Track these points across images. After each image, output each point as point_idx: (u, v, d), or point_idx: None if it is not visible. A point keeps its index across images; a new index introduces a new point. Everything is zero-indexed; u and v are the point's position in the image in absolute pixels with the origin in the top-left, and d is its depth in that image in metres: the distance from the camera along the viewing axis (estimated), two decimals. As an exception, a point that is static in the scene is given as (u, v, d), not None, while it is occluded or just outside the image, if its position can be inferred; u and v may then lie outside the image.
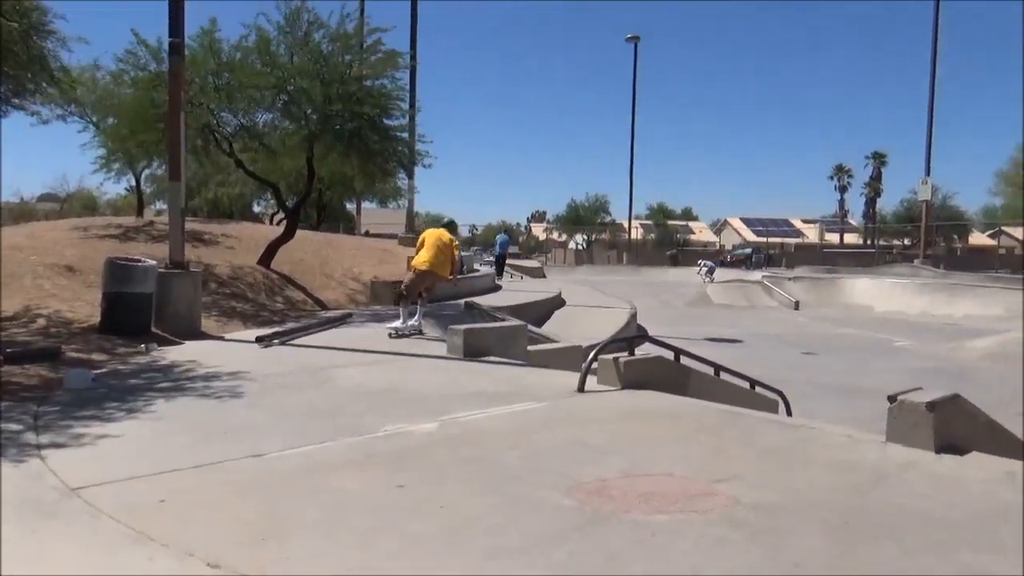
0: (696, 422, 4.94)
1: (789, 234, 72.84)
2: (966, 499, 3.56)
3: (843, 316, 22.38)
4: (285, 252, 14.23)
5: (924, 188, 33.81)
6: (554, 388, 6.01)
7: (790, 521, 3.20)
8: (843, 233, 70.33)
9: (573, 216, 69.94)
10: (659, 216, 78.70)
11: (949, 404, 4.42)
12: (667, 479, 3.73)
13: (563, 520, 3.15)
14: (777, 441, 4.60)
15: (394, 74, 13.60)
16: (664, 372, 6.42)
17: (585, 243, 68.56)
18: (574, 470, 3.81)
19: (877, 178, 70.90)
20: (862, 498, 3.55)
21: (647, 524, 3.12)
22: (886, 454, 4.22)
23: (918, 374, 12.06)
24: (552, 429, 4.70)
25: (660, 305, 24.97)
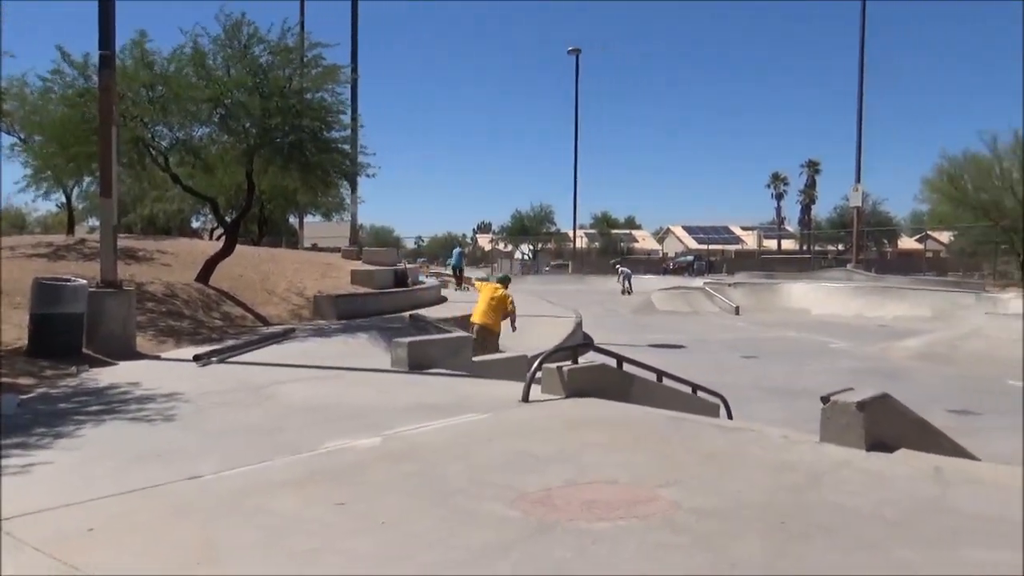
0: (639, 428, 5.00)
1: (729, 241, 74.59)
2: (896, 496, 3.68)
3: (782, 320, 22.98)
4: (224, 268, 13.91)
5: (855, 195, 35.04)
6: (499, 399, 6.01)
7: (729, 524, 3.26)
8: (780, 239, 72.33)
9: (518, 226, 70.31)
10: (603, 225, 79.62)
11: (878, 403, 4.57)
12: (611, 486, 3.76)
13: (507, 531, 3.15)
14: (718, 445, 4.69)
15: (335, 87, 13.49)
16: (608, 379, 6.48)
17: (531, 253, 68.89)
18: (519, 481, 3.81)
19: (812, 185, 73.18)
20: (798, 498, 3.64)
21: (590, 532, 3.14)
22: (820, 454, 4.34)
23: (852, 374, 12.45)
24: (496, 440, 4.70)
25: (606, 313, 25.24)
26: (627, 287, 32.22)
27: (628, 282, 32.63)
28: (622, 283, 32.97)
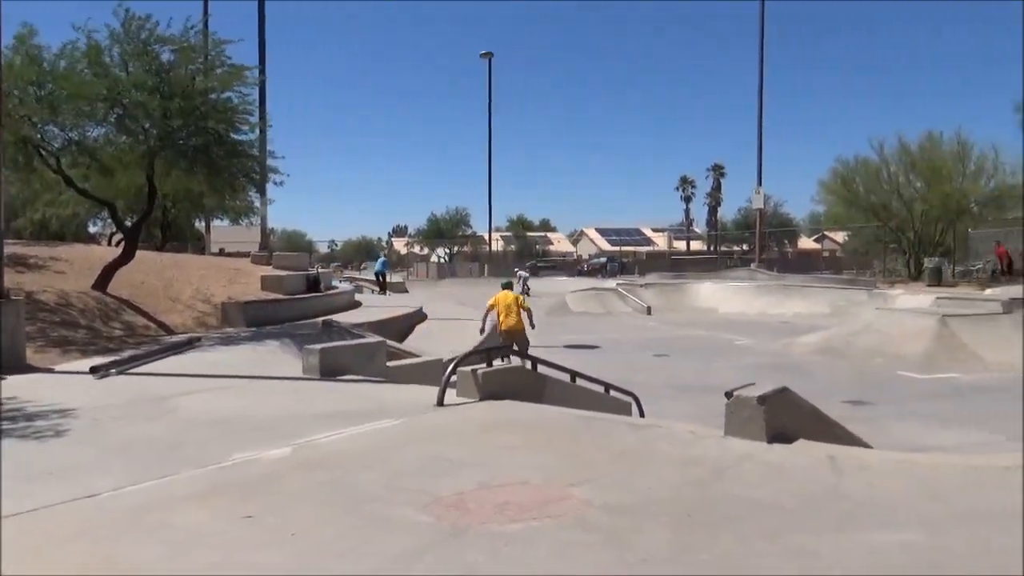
0: (552, 429, 5.07)
1: (641, 243, 76.49)
2: (794, 485, 3.86)
3: (691, 319, 23.69)
4: (125, 275, 13.27)
5: (757, 197, 36.51)
6: (413, 403, 5.97)
7: (639, 519, 3.35)
8: (689, 240, 74.73)
9: (434, 230, 70.06)
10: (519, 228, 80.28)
11: (778, 397, 4.78)
12: (523, 487, 3.80)
13: (420, 537, 3.13)
14: (628, 442, 4.80)
15: (242, 88, 13.09)
16: (522, 381, 6.54)
17: (447, 256, 68.73)
18: (432, 485, 3.80)
19: (717, 188, 76.06)
20: (704, 491, 3.77)
21: (503, 534, 3.16)
22: (725, 447, 4.51)
23: (757, 370, 12.97)
24: (410, 445, 4.67)
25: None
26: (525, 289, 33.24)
27: (525, 284, 33.74)
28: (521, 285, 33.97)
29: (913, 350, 13.60)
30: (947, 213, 30.25)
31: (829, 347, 15.21)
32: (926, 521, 3.37)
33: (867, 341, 14.73)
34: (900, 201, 31.69)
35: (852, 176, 33.04)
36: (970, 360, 13.08)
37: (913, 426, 8.95)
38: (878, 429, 8.27)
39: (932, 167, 30.43)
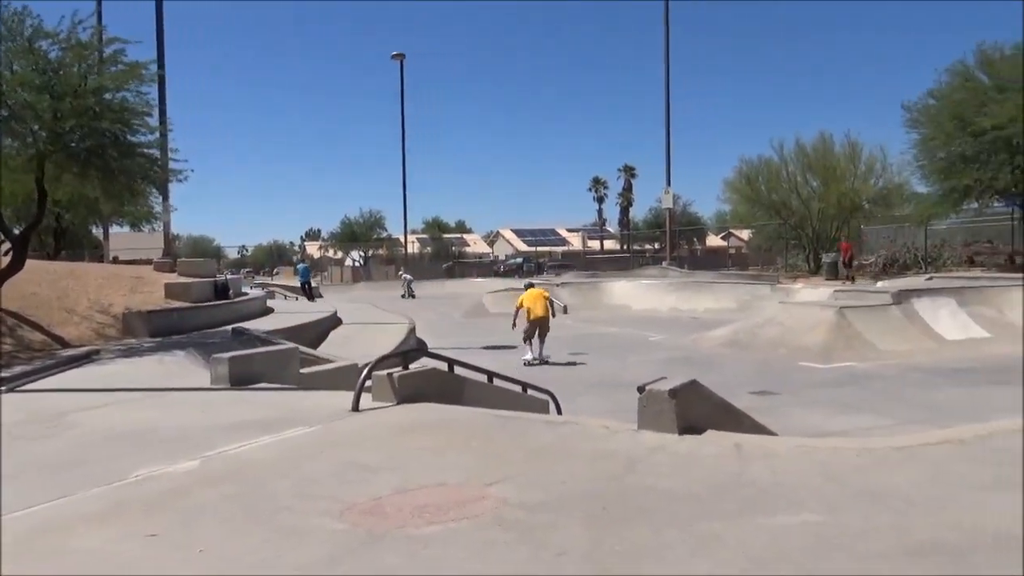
0: (469, 429, 5.07)
1: (556, 242, 77.47)
2: (702, 474, 4.00)
3: (606, 317, 24.16)
4: (14, 286, 12.48)
5: (667, 197, 37.58)
6: (328, 410, 5.86)
7: (555, 515, 3.39)
8: (602, 240, 76.14)
9: (348, 233, 68.96)
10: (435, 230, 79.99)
11: (688, 389, 4.93)
12: (441, 489, 3.79)
13: (335, 545, 3.08)
14: (545, 440, 4.85)
15: (139, 87, 12.51)
16: (439, 383, 6.51)
17: (362, 260, 67.76)
18: (347, 492, 3.74)
19: (629, 189, 77.76)
20: (618, 484, 3.85)
21: (421, 537, 3.14)
22: (637, 441, 4.62)
23: (669, 364, 13.35)
24: (325, 452, 4.58)
25: (439, 317, 25.35)
26: (409, 292, 33.77)
27: (410, 287, 34.28)
28: (405, 288, 34.56)
29: (813, 341, 14.29)
30: (841, 211, 31.94)
31: (736, 340, 15.80)
32: (824, 502, 3.55)
33: (771, 333, 15.39)
34: (799, 199, 33.27)
35: (755, 175, 34.49)
36: (865, 349, 13.85)
37: (814, 413, 9.40)
38: (782, 417, 8.66)
39: (826, 167, 32.07)
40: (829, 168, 32.26)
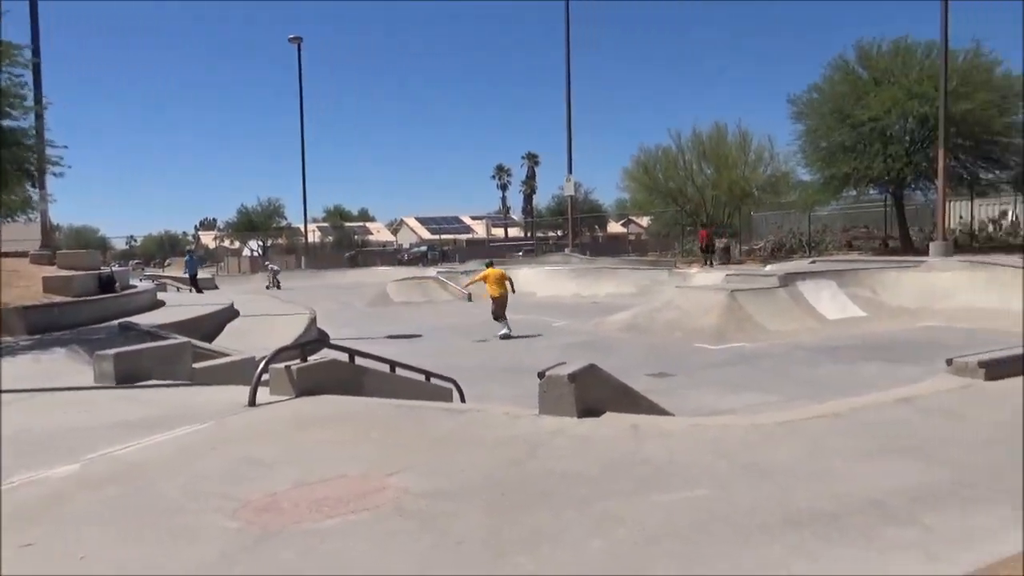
0: (370, 420, 5.02)
1: (460, 230, 77.33)
2: (601, 454, 4.10)
3: (511, 303, 24.31)
4: None
5: (568, 185, 38.15)
6: (223, 405, 5.66)
7: (456, 502, 3.41)
8: (507, 227, 76.60)
9: (245, 222, 66.59)
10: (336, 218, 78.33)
11: (587, 373, 5.04)
12: (340, 481, 3.73)
13: (229, 544, 2.98)
14: (447, 428, 4.86)
15: (11, 70, 11.62)
16: (340, 374, 6.40)
17: (261, 249, 65.60)
18: (242, 489, 3.63)
19: (532, 176, 78.45)
20: (519, 469, 3.90)
21: (319, 531, 3.09)
22: (539, 425, 4.70)
23: (571, 349, 13.61)
24: (219, 449, 4.42)
25: (341, 307, 24.86)
26: (275, 282, 33.56)
27: (276, 278, 34.12)
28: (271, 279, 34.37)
29: (707, 323, 14.88)
30: (733, 198, 33.33)
31: (635, 324, 16.26)
32: (715, 477, 3.71)
33: (668, 317, 15.92)
34: (694, 187, 34.46)
35: (652, 164, 35.46)
36: (755, 330, 14.54)
37: (708, 392, 9.80)
38: (678, 397, 8.99)
39: (719, 156, 33.35)
40: (722, 157, 33.58)
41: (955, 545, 2.88)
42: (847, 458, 4.03)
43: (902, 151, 25.60)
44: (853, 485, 3.57)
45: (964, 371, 6.01)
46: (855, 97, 26.23)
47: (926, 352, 11.31)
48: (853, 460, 3.99)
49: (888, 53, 26.86)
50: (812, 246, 30.91)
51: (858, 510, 3.24)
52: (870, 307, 16.62)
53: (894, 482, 3.61)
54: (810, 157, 29.04)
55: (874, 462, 3.95)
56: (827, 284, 17.14)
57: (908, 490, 3.49)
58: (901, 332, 14.53)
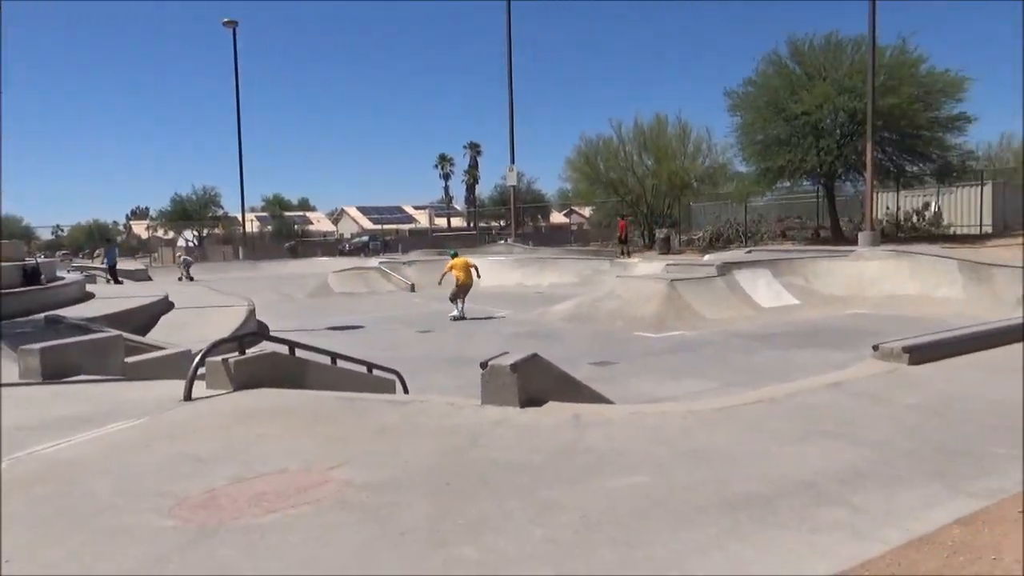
0: (312, 414, 4.95)
1: (403, 220, 76.69)
2: (543, 443, 4.14)
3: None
4: None
5: (511, 175, 38.17)
6: (158, 400, 5.50)
7: (399, 494, 3.40)
8: (449, 217, 76.29)
9: (180, 211, 64.63)
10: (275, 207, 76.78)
11: (529, 363, 5.07)
12: (281, 476, 3.68)
13: (165, 543, 2.91)
14: (390, 419, 4.83)
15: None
16: (280, 367, 6.29)
17: (196, 240, 63.81)
18: (178, 486, 3.54)
19: (475, 166, 78.13)
20: (462, 459, 3.91)
21: (259, 526, 3.04)
22: (482, 415, 4.71)
23: (514, 339, 13.67)
24: (153, 446, 4.30)
25: (281, 299, 24.40)
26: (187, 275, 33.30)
27: (188, 270, 33.88)
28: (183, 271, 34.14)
29: (648, 312, 15.14)
30: (673, 188, 33.88)
31: (578, 314, 16.43)
32: (654, 463, 3.79)
33: (610, 306, 16.13)
34: (635, 177, 34.90)
35: (594, 154, 35.73)
36: (694, 318, 14.86)
37: (649, 380, 9.98)
38: (619, 385, 9.14)
39: (660, 147, 33.83)
40: (662, 148, 34.08)
41: (880, 523, 3.01)
42: (781, 442, 4.17)
43: (833, 144, 26.43)
44: (787, 468, 3.69)
45: (889, 356, 6.27)
46: (789, 91, 26.94)
47: (855, 338, 11.74)
48: (787, 444, 4.13)
49: (819, 48, 27.66)
50: (748, 236, 31.70)
51: (791, 492, 3.36)
52: (803, 295, 17.15)
53: (825, 464, 3.75)
54: (746, 149, 29.74)
55: (806, 445, 4.09)
56: (763, 273, 17.62)
57: (838, 471, 3.63)
58: (832, 319, 15.04)
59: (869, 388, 5.46)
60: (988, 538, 2.85)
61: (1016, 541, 2.80)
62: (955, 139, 26.98)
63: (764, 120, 28.04)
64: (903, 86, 24.91)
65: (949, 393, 5.29)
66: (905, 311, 15.46)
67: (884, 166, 27.18)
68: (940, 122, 26.40)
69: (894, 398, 5.15)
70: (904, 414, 4.74)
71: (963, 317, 11.93)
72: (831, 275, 18.37)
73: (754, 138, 29.00)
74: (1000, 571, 2.54)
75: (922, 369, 6.03)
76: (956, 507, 3.17)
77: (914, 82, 25.42)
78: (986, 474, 3.58)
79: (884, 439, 4.18)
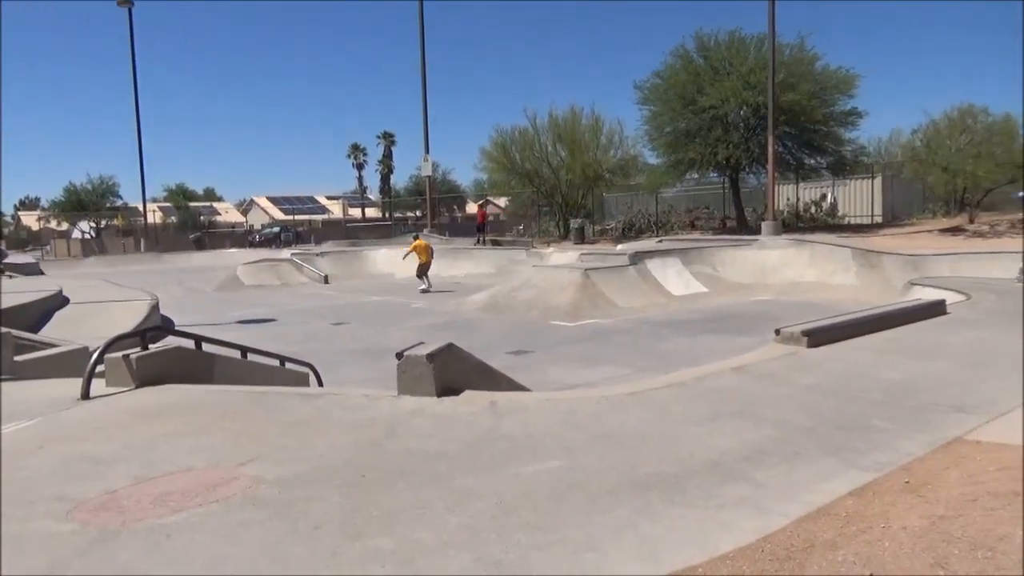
0: (219, 409, 4.79)
1: (316, 211, 74.99)
2: (459, 432, 4.15)
3: (368, 285, 23.95)
4: None
5: (426, 165, 37.90)
6: (52, 400, 5.21)
7: (313, 488, 3.34)
8: (364, 208, 75.08)
9: (74, 201, 61.08)
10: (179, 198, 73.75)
11: (445, 353, 5.07)
12: (187, 475, 3.55)
13: (61, 549, 2.76)
14: (302, 413, 4.73)
15: None
16: (186, 363, 6.05)
17: (93, 231, 60.51)
18: (75, 489, 3.37)
19: (389, 156, 77.06)
20: (378, 450, 3.88)
21: (164, 527, 2.93)
22: (398, 406, 4.68)
23: (431, 330, 13.60)
24: (47, 448, 4.07)
25: (186, 292, 23.48)
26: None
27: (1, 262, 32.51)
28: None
29: (563, 301, 15.34)
30: (587, 180, 34.35)
31: (494, 304, 16.48)
32: (568, 448, 3.86)
33: (526, 296, 16.25)
34: (549, 168, 35.20)
35: (509, 144, 35.81)
36: (607, 307, 15.15)
37: (565, 368, 10.13)
38: (536, 373, 9.23)
39: (574, 139, 34.23)
40: (576, 140, 34.47)
41: (782, 498, 3.16)
42: (690, 423, 4.32)
43: (739, 138, 27.40)
44: (695, 448, 3.83)
45: (790, 340, 6.58)
46: (696, 86, 27.73)
47: (759, 323, 12.25)
48: (695, 425, 4.28)
49: (724, 45, 28.56)
50: (659, 226, 32.52)
51: (698, 471, 3.49)
52: (711, 283, 17.76)
53: (730, 443, 3.91)
54: (656, 141, 30.43)
55: (713, 426, 4.26)
56: (673, 262, 18.13)
57: (742, 450, 3.79)
58: (738, 305, 15.64)
59: (771, 370, 5.72)
60: (878, 507, 3.04)
61: (902, 509, 2.99)
62: (848, 133, 28.43)
63: (673, 112, 28.74)
64: (801, 83, 26.03)
65: (843, 373, 5.60)
66: (805, 296, 16.24)
67: (785, 159, 28.38)
68: (835, 117, 27.73)
69: (794, 379, 5.41)
70: (803, 394, 4.99)
71: (857, 302, 12.62)
72: (737, 263, 19.09)
73: (663, 130, 29.71)
74: (888, 539, 2.71)
75: (819, 351, 6.36)
76: (849, 479, 3.37)
77: (811, 79, 26.60)
78: (876, 448, 3.81)
79: (785, 418, 4.39)
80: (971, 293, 10.41)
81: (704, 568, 2.54)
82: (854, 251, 18.13)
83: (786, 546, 2.70)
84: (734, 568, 2.54)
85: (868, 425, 4.24)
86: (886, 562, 2.52)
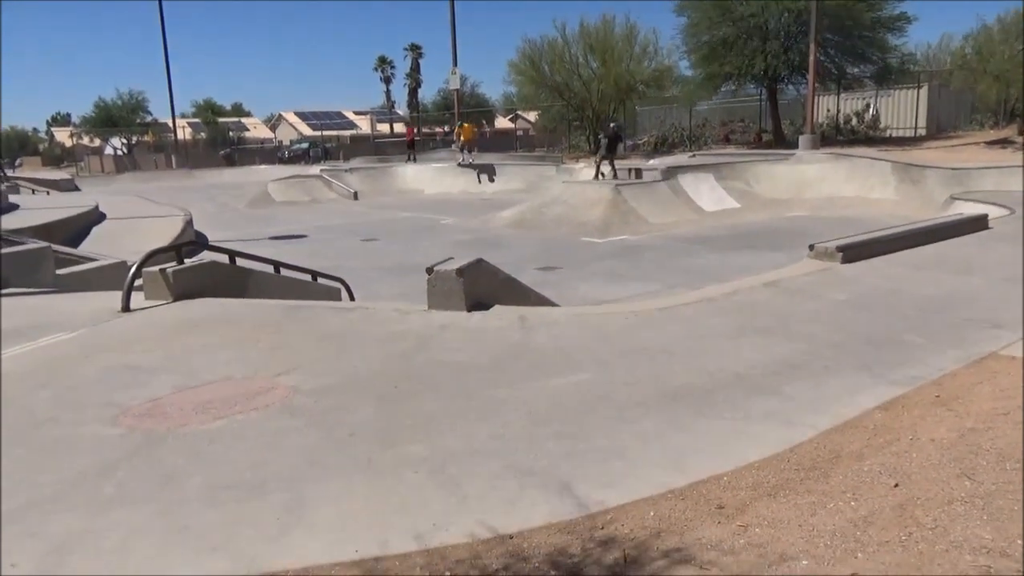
0: (255, 322, 4.90)
1: (344, 126, 74.31)
2: (489, 345, 4.20)
3: (398, 202, 23.93)
4: None
5: (453, 78, 37.06)
6: (95, 312, 5.36)
7: (347, 397, 3.43)
8: (392, 123, 74.19)
9: (104, 117, 61.22)
10: (208, 114, 73.53)
11: (474, 268, 5.09)
12: (226, 383, 3.66)
13: (110, 451, 2.90)
14: (336, 326, 4.82)
15: None
16: (221, 277, 6.16)
17: (126, 147, 60.88)
18: (121, 396, 3.50)
19: (416, 69, 75.43)
20: (409, 362, 3.95)
21: (206, 433, 3.05)
22: (428, 320, 4.74)
23: (459, 246, 13.62)
24: (92, 357, 4.21)
25: (219, 209, 23.68)
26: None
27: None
28: None
29: (593, 217, 15.21)
30: (619, 92, 33.41)
31: (523, 220, 16.40)
32: (597, 361, 3.90)
33: (555, 212, 16.13)
34: (580, 81, 34.26)
35: (538, 57, 34.81)
36: (638, 223, 15.00)
37: (594, 284, 10.13)
38: (565, 289, 9.25)
39: (606, 49, 33.14)
40: (608, 50, 33.36)
41: (809, 410, 3.18)
42: (719, 338, 4.32)
43: (779, 47, 26.29)
44: (724, 362, 3.84)
45: (824, 255, 6.48)
46: (737, -9, 26.48)
47: (793, 239, 12.05)
48: (724, 339, 4.28)
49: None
50: (692, 140, 31.72)
51: (727, 384, 3.51)
52: (744, 199, 17.42)
53: (759, 357, 3.91)
54: (693, 52, 29.36)
55: (742, 340, 4.25)
56: (705, 177, 17.77)
57: (771, 364, 3.79)
58: (772, 221, 15.37)
59: (803, 286, 5.66)
60: (907, 420, 3.04)
61: (931, 422, 3.00)
62: (895, 40, 27.09)
63: (710, 20, 27.60)
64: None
65: (877, 289, 5.52)
66: (842, 212, 15.88)
67: (826, 68, 27.25)
68: (882, 22, 26.40)
69: (826, 295, 5.35)
70: (835, 309, 4.94)
71: (896, 218, 12.33)
72: (772, 179, 18.65)
73: (700, 39, 28.60)
74: (915, 450, 2.72)
75: (854, 267, 6.26)
76: (879, 393, 3.36)
77: (858, -21, 25.22)
78: (907, 363, 3.79)
79: (815, 333, 4.36)
80: (1016, 208, 10.10)
81: (729, 476, 2.59)
82: (894, 165, 17.57)
83: (812, 456, 2.73)
84: (759, 477, 2.58)
85: (900, 340, 4.20)
86: (912, 472, 2.54)
